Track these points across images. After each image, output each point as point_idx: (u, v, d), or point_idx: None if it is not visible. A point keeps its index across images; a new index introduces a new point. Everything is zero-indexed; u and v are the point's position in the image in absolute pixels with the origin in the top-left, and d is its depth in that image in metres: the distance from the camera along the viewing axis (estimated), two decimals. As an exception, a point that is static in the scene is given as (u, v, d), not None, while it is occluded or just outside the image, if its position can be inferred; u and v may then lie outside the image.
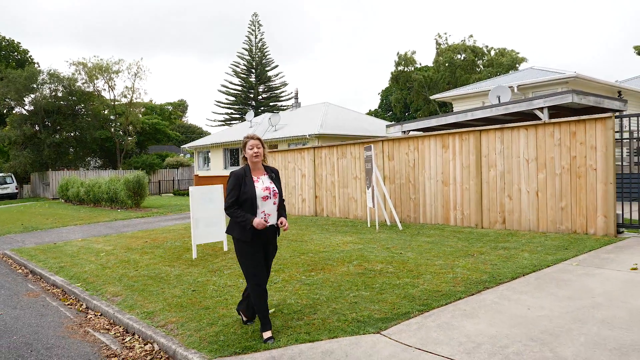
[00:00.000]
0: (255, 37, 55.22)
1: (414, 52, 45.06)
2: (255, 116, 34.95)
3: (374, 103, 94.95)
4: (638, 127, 8.37)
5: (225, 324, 4.66)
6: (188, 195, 31.07)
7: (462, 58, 43.63)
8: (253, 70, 55.23)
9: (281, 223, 4.23)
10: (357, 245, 8.40)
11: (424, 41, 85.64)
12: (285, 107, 54.50)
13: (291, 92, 66.06)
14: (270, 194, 4.23)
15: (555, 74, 16.27)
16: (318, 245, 8.66)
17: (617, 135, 8.59)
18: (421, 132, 16.08)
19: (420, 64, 47.99)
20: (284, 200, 4.47)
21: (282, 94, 56.17)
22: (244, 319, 4.59)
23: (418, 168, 11.17)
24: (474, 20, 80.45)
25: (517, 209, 9.41)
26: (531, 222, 9.19)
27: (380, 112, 62.33)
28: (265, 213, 4.22)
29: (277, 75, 55.89)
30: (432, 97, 22.04)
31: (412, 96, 46.84)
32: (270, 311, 4.89)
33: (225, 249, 8.57)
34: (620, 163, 12.48)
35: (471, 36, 49.94)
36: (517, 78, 18.29)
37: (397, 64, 45.29)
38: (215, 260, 7.80)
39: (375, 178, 10.43)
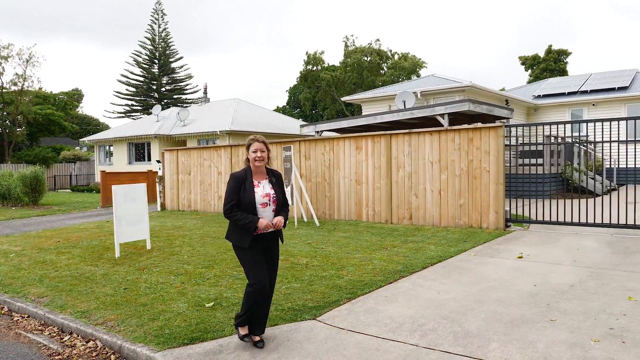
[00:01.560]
0: (159, 27, 53.24)
1: (322, 52, 46.34)
2: (162, 110, 33.88)
3: (282, 100, 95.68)
4: (518, 134, 9.66)
5: (167, 319, 4.90)
6: (88, 191, 29.53)
7: (368, 60, 45.58)
8: (156, 61, 53.20)
9: (275, 221, 4.03)
10: (280, 241, 8.84)
11: (332, 42, 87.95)
12: (190, 101, 53.24)
13: (197, 86, 64.66)
14: (269, 200, 4.07)
15: (454, 82, 17.89)
16: (242, 241, 8.98)
17: (506, 141, 9.85)
18: (334, 133, 16.89)
19: (328, 64, 49.34)
20: (288, 206, 4.32)
21: (187, 87, 54.74)
22: (242, 333, 4.18)
23: (333, 167, 11.86)
24: (380, 24, 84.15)
25: (422, 206, 10.42)
26: (434, 217, 10.24)
27: (289, 109, 63.11)
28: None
29: (181, 67, 54.32)
30: (342, 99, 23.04)
31: (320, 95, 48.06)
32: (209, 304, 5.21)
33: (149, 247, 8.60)
34: (507, 165, 14.10)
35: (378, 40, 52.29)
36: (420, 84, 19.79)
37: (307, 63, 46.26)
38: (140, 258, 7.85)
39: (295, 177, 10.93)
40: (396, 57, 47.98)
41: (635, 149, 10.46)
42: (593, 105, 20.60)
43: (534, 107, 21.99)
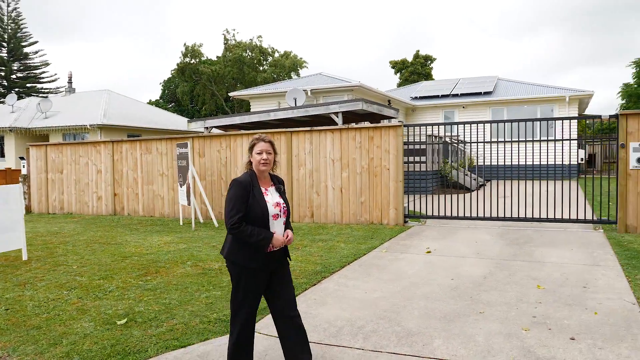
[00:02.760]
0: (8, 5, 47.23)
1: (201, 45, 44.66)
2: (18, 99, 30.05)
3: (156, 93, 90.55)
4: (408, 133, 10.12)
5: (73, 342, 4.21)
6: None
7: (249, 56, 45.00)
8: (4, 44, 47.08)
9: (286, 236, 3.37)
10: (181, 245, 8.24)
11: (212, 35, 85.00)
12: (46, 90, 48.09)
13: (56, 74, 58.58)
14: (280, 211, 3.35)
15: (343, 81, 18.31)
16: (137, 247, 8.20)
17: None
18: (221, 131, 16.28)
19: (208, 58, 47.79)
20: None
21: (42, 75, 49.22)
22: None
23: (230, 165, 11.39)
24: (262, 21, 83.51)
25: (324, 204, 10.44)
26: (336, 215, 10.32)
27: (162, 103, 59.91)
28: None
29: (36, 52, 48.69)
30: (230, 94, 22.37)
31: (198, 89, 46.36)
32: (121, 322, 4.60)
33: (25, 257, 7.44)
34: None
35: (260, 37, 51.63)
36: (309, 82, 19.93)
37: (184, 55, 44.28)
38: (17, 272, 6.74)
39: (192, 175, 10.28)
40: (277, 54, 48.01)
41: (497, 148, 11.49)
42: (463, 107, 22.52)
43: (411, 107, 23.41)
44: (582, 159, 21.62)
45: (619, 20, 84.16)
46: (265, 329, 4.40)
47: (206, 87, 45.60)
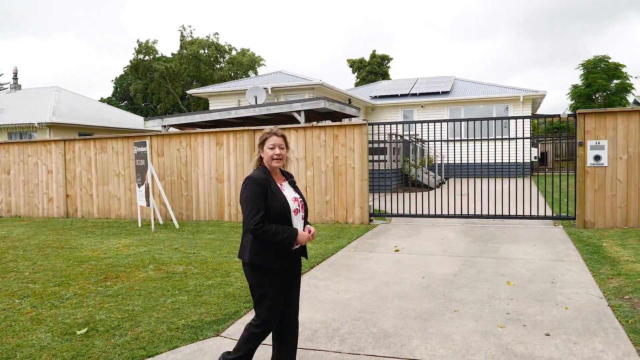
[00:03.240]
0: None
1: (155, 41, 43.44)
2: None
3: (107, 91, 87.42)
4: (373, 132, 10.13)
5: (28, 356, 3.89)
6: None
7: (206, 53, 44.16)
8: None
9: (309, 231, 3.18)
10: (141, 248, 7.89)
11: (166, 31, 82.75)
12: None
13: None
14: (299, 206, 3.16)
15: (304, 80, 18.17)
16: (94, 251, 7.80)
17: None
18: (177, 130, 15.82)
19: (162, 55, 46.58)
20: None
21: (-17, 70, 46.76)
22: None
23: (191, 165, 11.06)
24: (218, 18, 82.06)
25: (288, 203, 10.27)
26: (301, 214, 10.17)
27: (115, 101, 57.96)
28: None
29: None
30: (188, 92, 21.80)
31: (153, 87, 45.10)
32: (82, 332, 4.31)
33: (-30, 264, 6.93)
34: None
35: (216, 34, 50.72)
36: (270, 80, 19.68)
37: (138, 52, 42.96)
38: (-39, 279, 6.26)
39: (151, 175, 9.90)
40: (234, 52, 47.33)
41: (455, 147, 11.70)
42: (422, 107, 22.85)
43: (371, 107, 23.56)
44: (535, 157, 22.37)
45: (568, 25, 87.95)
46: (237, 334, 4.21)
47: (161, 85, 44.41)
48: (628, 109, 8.55)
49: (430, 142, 10.84)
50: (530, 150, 21.90)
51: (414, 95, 23.69)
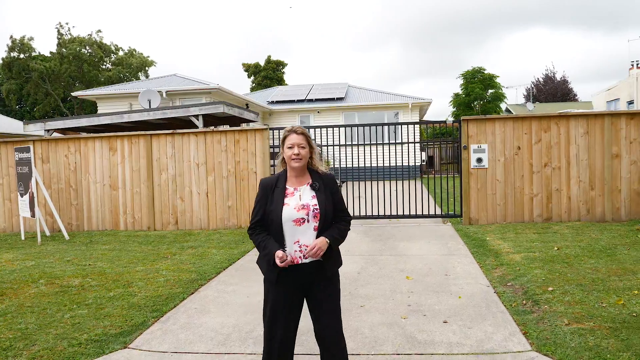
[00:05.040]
0: None
1: (31, 39, 39.84)
2: None
3: (-30, 91, 77.91)
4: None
5: None
6: None
7: (88, 53, 41.36)
8: None
9: (315, 251, 2.72)
10: (28, 262, 7.26)
11: (43, 28, 75.70)
12: None
13: None
14: (308, 215, 2.79)
15: (201, 83, 17.79)
16: (-30, 268, 7.02)
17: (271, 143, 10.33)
18: (61, 135, 14.73)
19: (40, 53, 42.81)
20: (349, 218, 3.04)
21: None
22: None
23: (81, 171, 10.36)
24: (100, 15, 76.88)
25: (189, 209, 10.04)
26: (202, 221, 9.99)
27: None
28: (301, 244, 2.80)
29: None
30: (74, 94, 20.28)
31: (29, 88, 41.28)
32: None
33: None
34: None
35: (99, 31, 47.65)
36: (164, 83, 18.98)
37: (11, 49, 39.08)
38: None
39: (36, 183, 9.11)
40: (121, 52, 44.89)
41: (351, 151, 12.32)
42: (318, 112, 23.43)
43: (269, 111, 23.68)
44: (423, 161, 23.96)
45: (450, 38, 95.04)
46: (146, 345, 4.09)
47: (39, 86, 40.82)
48: (504, 116, 9.55)
49: (327, 147, 11.20)
50: (421, 154, 23.43)
51: (310, 100, 24.23)
